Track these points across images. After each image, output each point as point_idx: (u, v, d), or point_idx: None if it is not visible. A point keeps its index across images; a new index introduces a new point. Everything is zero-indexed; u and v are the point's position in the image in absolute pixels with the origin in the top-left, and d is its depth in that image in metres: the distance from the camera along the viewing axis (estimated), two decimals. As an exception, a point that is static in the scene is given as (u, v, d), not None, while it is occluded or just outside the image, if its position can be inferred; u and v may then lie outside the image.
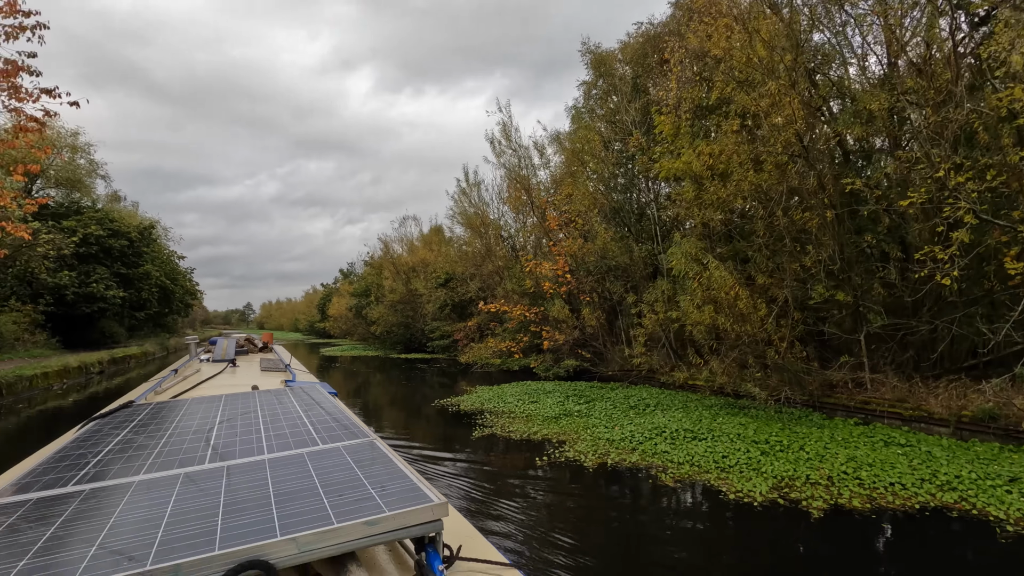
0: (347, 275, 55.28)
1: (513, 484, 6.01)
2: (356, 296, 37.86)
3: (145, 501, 1.34)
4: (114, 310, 24.76)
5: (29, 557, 1.07)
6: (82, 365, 18.01)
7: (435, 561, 1.20)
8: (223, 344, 5.73)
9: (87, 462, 1.70)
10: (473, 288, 21.75)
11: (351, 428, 2.04)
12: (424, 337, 26.43)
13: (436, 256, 27.79)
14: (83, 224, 23.03)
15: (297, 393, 2.95)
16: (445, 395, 12.59)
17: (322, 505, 1.26)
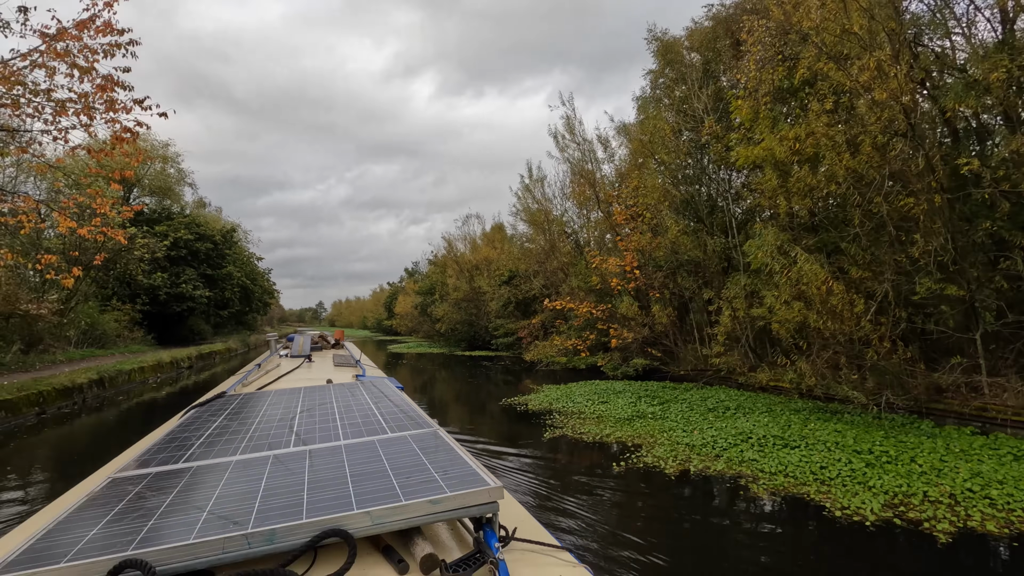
0: (412, 274, 57.89)
1: (588, 489, 5.85)
2: (421, 294, 39.41)
3: (243, 477, 1.59)
4: (201, 309, 27.52)
5: (156, 518, 1.33)
6: (173, 360, 20.04)
7: (492, 539, 1.34)
8: (299, 341, 6.36)
9: (192, 443, 2.02)
10: (537, 285, 21.92)
11: (416, 419, 2.25)
12: (488, 335, 27.02)
13: (499, 254, 28.26)
14: (173, 229, 25.82)
15: (367, 386, 3.26)
16: (510, 393, 12.78)
17: (391, 485, 1.44)
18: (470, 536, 1.44)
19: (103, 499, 1.46)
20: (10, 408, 9.57)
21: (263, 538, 1.21)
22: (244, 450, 1.89)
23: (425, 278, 43.14)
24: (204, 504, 1.38)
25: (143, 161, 27.23)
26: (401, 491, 1.39)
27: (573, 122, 18.28)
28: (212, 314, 30.75)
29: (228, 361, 25.64)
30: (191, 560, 1.16)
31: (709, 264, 13.05)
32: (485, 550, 1.32)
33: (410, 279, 56.31)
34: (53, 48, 6.56)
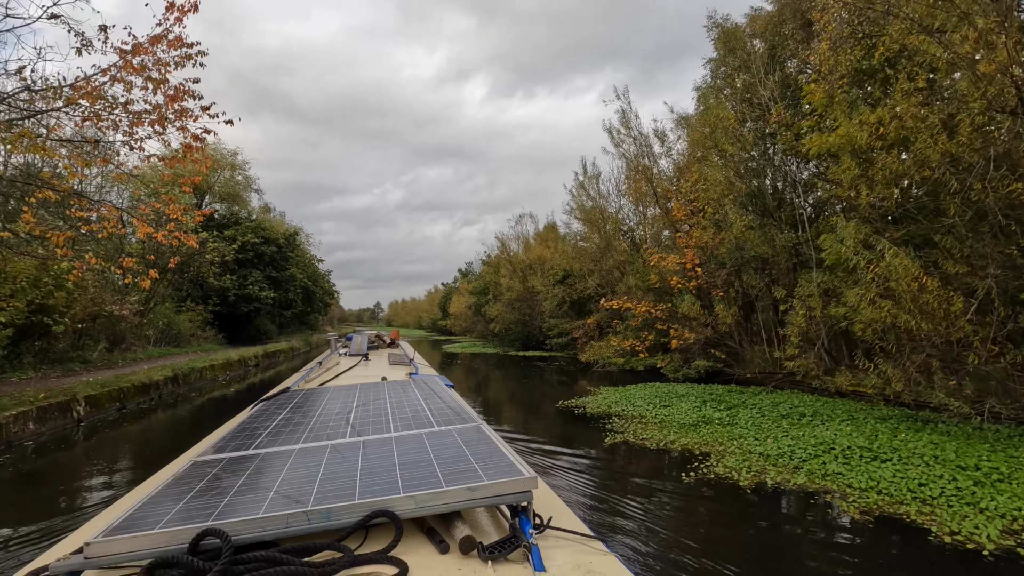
0: (465, 274, 59.37)
1: (653, 498, 5.66)
2: (475, 294, 40.20)
3: (304, 463, 1.81)
4: (266, 309, 29.53)
5: (231, 495, 1.55)
6: (241, 359, 21.53)
7: (526, 526, 1.47)
8: (357, 340, 6.87)
9: (260, 432, 2.29)
10: (592, 284, 21.83)
11: (461, 414, 2.45)
12: (542, 335, 27.18)
13: (552, 253, 28.35)
14: (241, 233, 27.88)
15: (419, 384, 3.53)
16: (566, 395, 12.79)
17: (435, 473, 1.60)
18: (507, 522, 1.57)
19: (186, 479, 1.72)
20: (95, 403, 10.58)
21: (321, 516, 1.40)
22: (305, 439, 2.14)
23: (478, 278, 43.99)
24: (271, 485, 1.60)
25: (213, 169, 29.77)
26: (443, 478, 1.55)
27: (629, 116, 18.04)
28: (277, 314, 32.90)
29: (291, 360, 27.24)
30: (260, 532, 1.36)
31: (778, 261, 12.49)
32: (519, 535, 1.44)
33: (463, 280, 57.71)
34: (129, 63, 7.20)
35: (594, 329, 20.94)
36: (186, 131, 7.81)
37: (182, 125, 7.73)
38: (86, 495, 6.20)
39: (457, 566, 1.36)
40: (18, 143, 7.17)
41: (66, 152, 8.02)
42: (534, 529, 1.48)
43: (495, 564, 1.37)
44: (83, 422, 9.92)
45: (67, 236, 8.20)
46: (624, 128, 18.18)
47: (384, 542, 1.42)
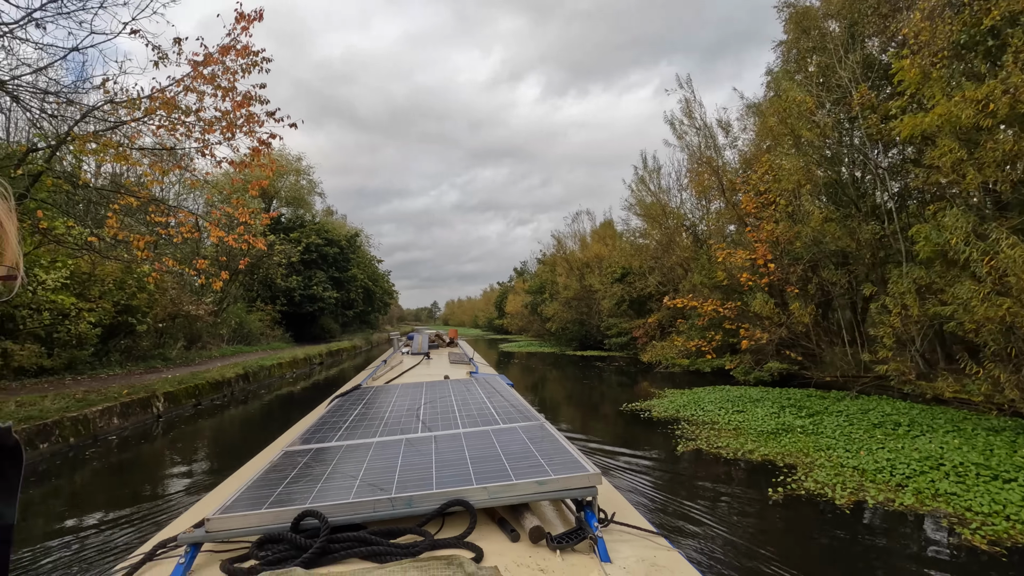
0: (521, 273, 60.15)
1: (736, 516, 5.26)
2: (531, 293, 40.46)
3: (383, 455, 2.01)
4: (330, 309, 31.15)
5: (322, 481, 1.77)
6: (306, 357, 22.75)
7: (591, 519, 1.57)
8: (418, 339, 7.27)
9: (340, 426, 2.54)
10: (652, 282, 21.46)
11: (525, 413, 2.60)
12: (600, 334, 27.02)
13: (610, 251, 28.07)
14: (305, 235, 29.56)
15: (481, 383, 3.73)
16: (626, 396, 12.67)
17: (504, 467, 1.74)
18: (572, 515, 1.69)
19: (282, 466, 1.96)
20: (172, 400, 11.42)
21: (403, 502, 1.57)
22: (381, 433, 2.36)
23: (534, 277, 44.27)
24: (356, 473, 1.79)
25: (279, 174, 31.73)
26: (512, 472, 1.69)
27: (692, 105, 17.52)
28: (339, 314, 34.62)
29: (354, 358, 28.53)
30: (351, 515, 1.55)
31: (861, 255, 11.76)
32: (585, 527, 1.55)
33: (519, 279, 58.49)
34: (201, 73, 7.75)
35: (655, 328, 20.59)
36: (253, 135, 8.27)
37: (249, 130, 8.19)
38: (168, 484, 6.85)
39: (528, 553, 1.49)
40: (105, 153, 7.93)
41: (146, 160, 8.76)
42: (599, 523, 1.59)
43: (563, 554, 1.49)
44: (162, 417, 10.77)
45: (147, 240, 8.90)
46: (687, 118, 17.71)
47: (459, 529, 1.57)
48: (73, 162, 10.00)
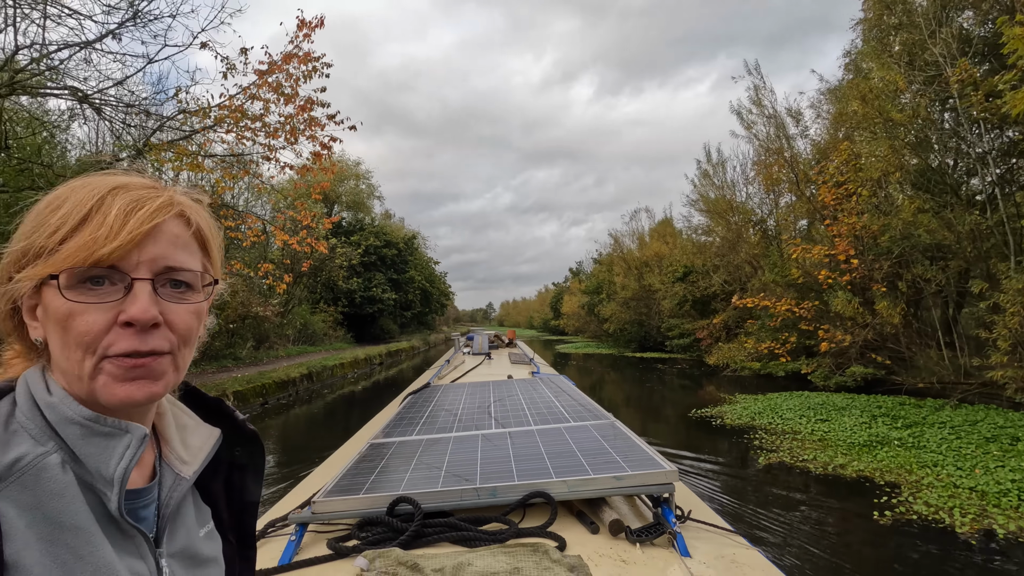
0: (576, 273, 60.25)
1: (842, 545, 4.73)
2: (587, 294, 40.22)
3: (462, 448, 2.16)
4: (389, 310, 32.30)
5: (409, 471, 1.93)
6: (367, 357, 23.50)
7: (669, 515, 1.64)
8: (478, 340, 7.58)
9: (417, 421, 2.74)
10: (716, 281, 20.82)
11: (594, 411, 2.71)
12: (660, 335, 26.48)
13: (671, 249, 27.45)
14: (365, 238, 30.82)
15: (545, 382, 3.89)
16: (692, 401, 12.28)
17: (580, 462, 1.84)
18: (649, 511, 1.76)
19: (370, 457, 2.15)
20: (241, 399, 11.95)
21: (488, 492, 1.70)
22: (457, 428, 2.52)
23: (590, 277, 44.01)
24: (440, 465, 1.94)
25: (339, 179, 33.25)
26: (589, 467, 1.78)
27: (762, 92, 16.74)
28: (398, 315, 35.82)
29: (412, 358, 29.35)
30: (439, 503, 1.69)
31: (961, 248, 10.90)
32: (663, 523, 1.62)
33: (574, 279, 58.63)
34: (266, 81, 8.12)
35: (720, 330, 19.91)
36: (315, 140, 8.59)
37: (311, 134, 8.51)
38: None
39: (608, 545, 1.58)
40: (180, 161, 8.56)
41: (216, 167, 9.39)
42: (676, 519, 1.65)
43: (643, 547, 1.56)
44: (232, 416, 11.65)
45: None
46: (756, 107, 16.99)
47: (540, 520, 1.67)
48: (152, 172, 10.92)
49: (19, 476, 0.46)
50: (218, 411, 0.72)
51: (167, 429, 0.64)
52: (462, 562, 1.53)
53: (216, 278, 0.61)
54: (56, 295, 0.50)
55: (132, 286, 0.51)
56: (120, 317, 0.50)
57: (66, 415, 0.51)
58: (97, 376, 0.50)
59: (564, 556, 1.56)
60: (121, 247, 0.49)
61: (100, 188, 0.52)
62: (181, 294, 0.55)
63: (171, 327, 0.53)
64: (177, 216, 0.55)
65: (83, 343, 0.49)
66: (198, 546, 0.62)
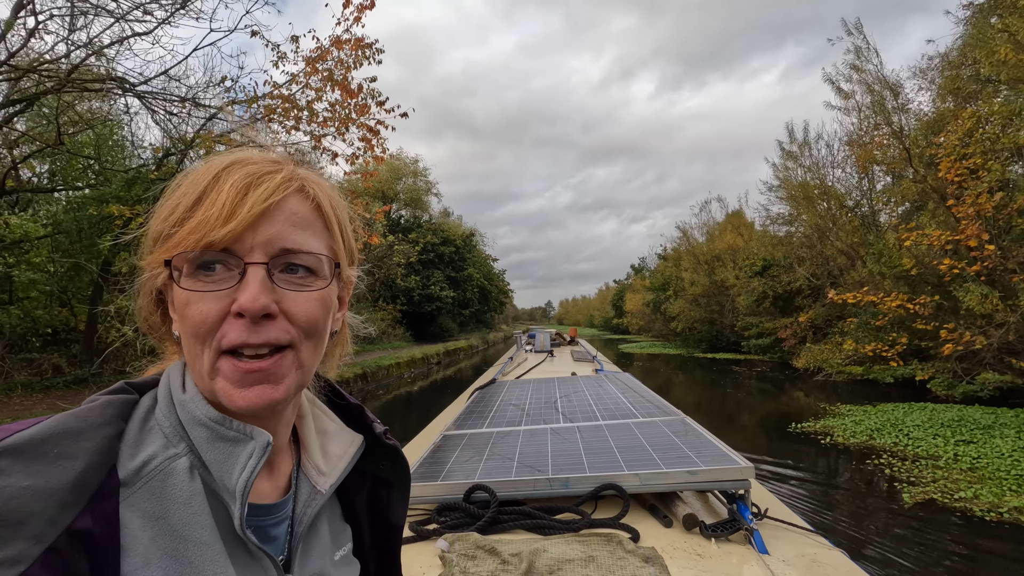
0: (639, 270, 59.77)
1: None
2: (652, 291, 39.49)
3: (532, 441, 2.29)
4: (447, 308, 33.14)
5: (483, 461, 2.08)
6: (424, 356, 23.89)
7: (745, 512, 1.68)
8: (540, 338, 7.87)
9: (486, 415, 2.93)
10: (801, 275, 19.72)
11: (663, 408, 2.79)
12: (734, 335, 25.57)
13: (746, 241, 26.41)
14: (423, 235, 31.78)
15: (611, 379, 4.03)
16: (778, 408, 11.53)
17: (651, 457, 1.92)
18: (724, 507, 1.81)
19: (443, 447, 2.34)
20: None
21: (560, 483, 1.81)
22: (526, 422, 2.68)
23: (655, 274, 43.20)
24: (512, 455, 2.08)
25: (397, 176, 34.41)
26: (661, 462, 1.86)
27: (865, 56, 14.95)
28: (456, 313, 36.68)
29: (471, 357, 29.93)
30: (513, 491, 1.82)
31: None
32: (739, 519, 1.67)
33: (637, 276, 58.12)
34: (316, 68, 8.09)
35: (806, 329, 18.76)
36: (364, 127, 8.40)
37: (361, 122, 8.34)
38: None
39: (682, 539, 1.65)
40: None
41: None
42: (753, 516, 1.69)
43: (718, 542, 1.62)
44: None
45: None
46: (856, 72, 15.13)
47: (611, 512, 1.76)
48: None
49: (146, 482, 0.44)
50: (358, 419, 0.67)
51: (307, 433, 0.60)
52: (537, 548, 1.65)
53: (338, 262, 0.54)
54: (175, 283, 0.47)
55: (245, 272, 0.46)
56: (233, 307, 0.46)
57: (194, 415, 0.48)
58: (216, 377, 0.47)
59: (638, 547, 1.64)
60: (232, 230, 0.45)
61: (216, 165, 0.49)
62: (301, 280, 0.49)
63: (290, 318, 0.48)
64: (297, 192, 0.51)
65: (199, 334, 0.46)
66: (332, 572, 0.58)
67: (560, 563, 1.60)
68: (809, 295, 19.66)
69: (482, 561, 1.60)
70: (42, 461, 0.38)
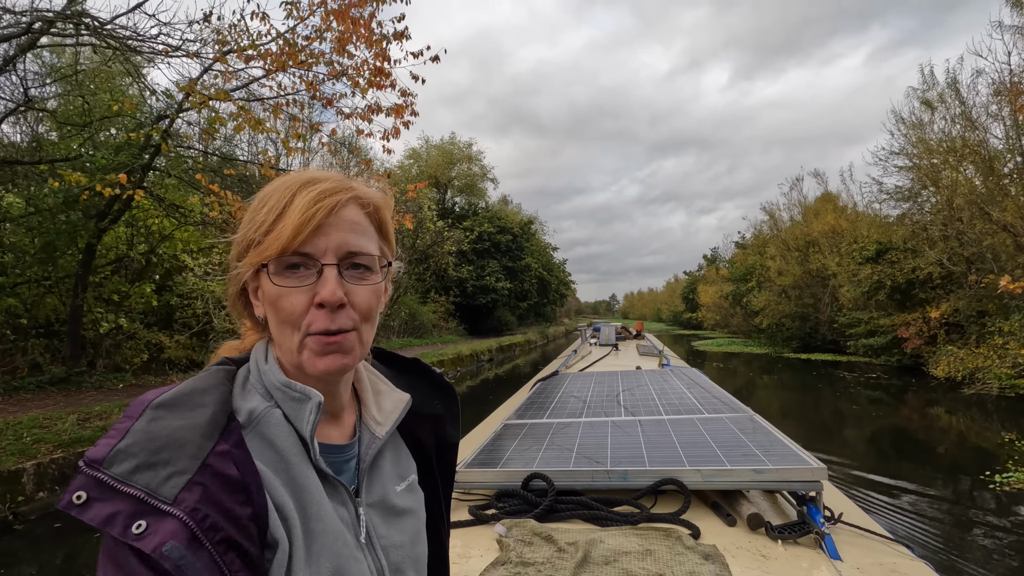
0: (712, 261, 59.14)
1: None
2: (733, 281, 38.27)
3: (592, 433, 2.45)
4: (503, 300, 33.52)
5: (542, 451, 2.25)
6: (473, 353, 23.11)
7: (816, 515, 1.74)
8: (605, 331, 8.22)
9: (547, 406, 3.16)
10: (930, 260, 17.36)
11: (730, 404, 2.89)
12: (832, 332, 24.19)
13: (853, 222, 24.78)
14: (478, 223, 32.26)
15: (677, 374, 4.18)
16: (905, 426, 9.91)
17: (715, 453, 2.01)
18: (793, 509, 1.88)
19: (504, 436, 2.55)
20: None
21: (619, 476, 1.94)
22: (586, 414, 2.86)
23: (732, 264, 41.94)
24: (571, 446, 2.24)
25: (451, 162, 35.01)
26: (725, 459, 1.95)
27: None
28: (513, 305, 37.09)
29: (527, 354, 29.53)
30: (571, 482, 1.97)
31: None
32: (809, 522, 1.73)
33: (710, 266, 57.37)
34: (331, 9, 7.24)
35: (937, 326, 16.57)
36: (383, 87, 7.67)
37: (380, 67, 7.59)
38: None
39: (747, 539, 1.73)
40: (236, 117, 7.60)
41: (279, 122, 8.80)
42: (824, 520, 1.75)
43: (785, 544, 1.69)
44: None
45: None
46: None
47: (671, 507, 1.88)
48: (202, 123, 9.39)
49: (256, 423, 0.63)
50: (416, 369, 0.92)
51: (365, 394, 0.81)
52: (594, 539, 1.79)
53: (390, 260, 0.75)
54: (267, 280, 0.65)
55: (322, 271, 0.64)
56: (315, 299, 0.63)
57: (272, 380, 0.67)
58: (303, 351, 0.65)
59: (698, 544, 1.75)
60: (304, 237, 0.63)
61: (293, 185, 0.66)
62: (361, 276, 0.68)
63: (354, 306, 0.66)
64: (355, 205, 0.69)
65: (290, 321, 0.64)
66: (394, 499, 0.77)
67: (616, 554, 1.73)
68: (938, 285, 17.44)
69: (538, 547, 1.76)
70: (186, 408, 0.59)
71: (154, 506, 0.51)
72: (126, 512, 0.50)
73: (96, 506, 0.51)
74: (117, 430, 0.56)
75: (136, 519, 0.50)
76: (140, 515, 0.50)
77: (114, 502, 0.51)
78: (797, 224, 30.43)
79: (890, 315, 19.40)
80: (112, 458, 0.53)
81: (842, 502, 2.04)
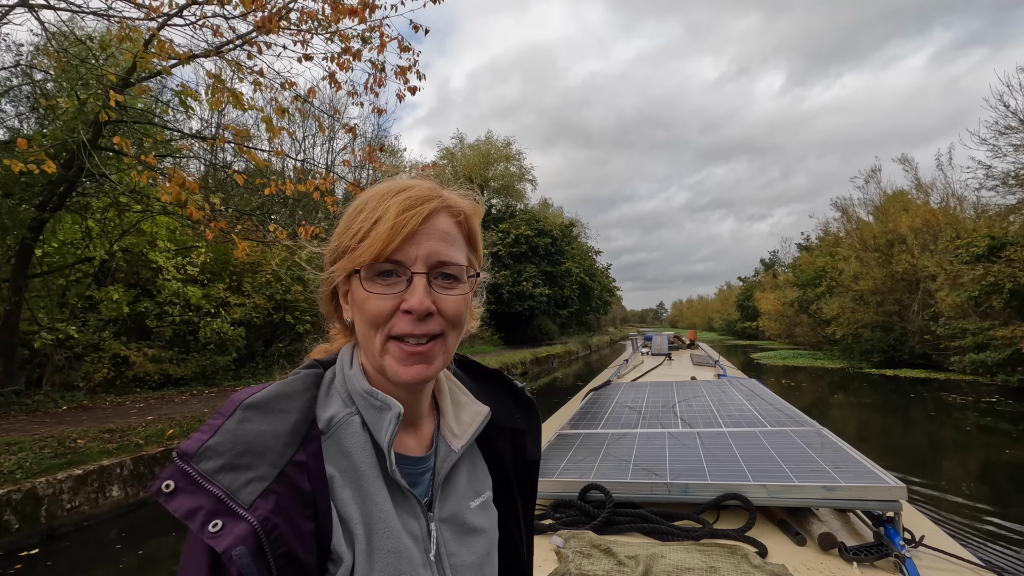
0: (770, 265, 58.52)
1: None
2: (799, 286, 37.31)
3: (649, 444, 2.55)
4: (541, 307, 33.53)
5: (598, 461, 2.35)
6: (502, 367, 22.68)
7: (895, 537, 1.77)
8: (657, 340, 8.36)
9: (600, 416, 3.30)
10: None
11: (795, 417, 2.96)
12: (924, 344, 22.75)
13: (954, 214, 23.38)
14: (515, 225, 32.51)
15: (735, 384, 4.27)
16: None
17: (781, 468, 2.08)
18: (869, 530, 1.92)
19: (559, 445, 2.67)
20: None
21: (679, 489, 2.03)
22: (642, 425, 2.98)
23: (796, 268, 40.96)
24: (628, 457, 2.34)
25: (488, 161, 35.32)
26: (792, 474, 2.01)
27: None
28: (553, 313, 37.11)
29: (568, 365, 28.91)
30: (628, 494, 2.07)
31: None
32: (887, 544, 1.76)
33: (767, 272, 56.89)
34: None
35: None
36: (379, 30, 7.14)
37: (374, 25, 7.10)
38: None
39: (818, 560, 1.78)
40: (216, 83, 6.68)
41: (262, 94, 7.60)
42: (904, 542, 1.78)
43: (861, 567, 1.72)
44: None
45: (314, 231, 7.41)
46: None
47: (735, 523, 1.95)
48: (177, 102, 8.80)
49: (335, 431, 0.69)
50: (498, 380, 0.96)
51: (444, 404, 0.84)
52: (655, 553, 1.88)
53: (478, 271, 0.80)
54: (358, 285, 0.71)
55: (412, 279, 0.70)
56: (402, 306, 0.69)
57: (355, 386, 0.73)
58: (384, 355, 0.70)
59: (766, 563, 1.82)
60: (396, 245, 0.68)
61: (387, 194, 0.72)
62: (450, 285, 0.72)
63: (443, 314, 0.71)
64: (446, 215, 0.74)
65: (374, 323, 0.70)
66: (467, 515, 0.80)
67: (679, 570, 1.81)
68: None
69: (597, 560, 1.86)
70: (271, 413, 0.65)
71: (231, 508, 0.57)
72: (207, 509, 0.57)
73: (181, 497, 0.58)
74: (209, 426, 0.62)
75: (214, 517, 0.56)
76: (218, 514, 0.56)
77: (197, 496, 0.57)
78: (879, 220, 29.20)
79: (1008, 326, 17.24)
80: (201, 453, 0.59)
81: (924, 524, 2.06)
